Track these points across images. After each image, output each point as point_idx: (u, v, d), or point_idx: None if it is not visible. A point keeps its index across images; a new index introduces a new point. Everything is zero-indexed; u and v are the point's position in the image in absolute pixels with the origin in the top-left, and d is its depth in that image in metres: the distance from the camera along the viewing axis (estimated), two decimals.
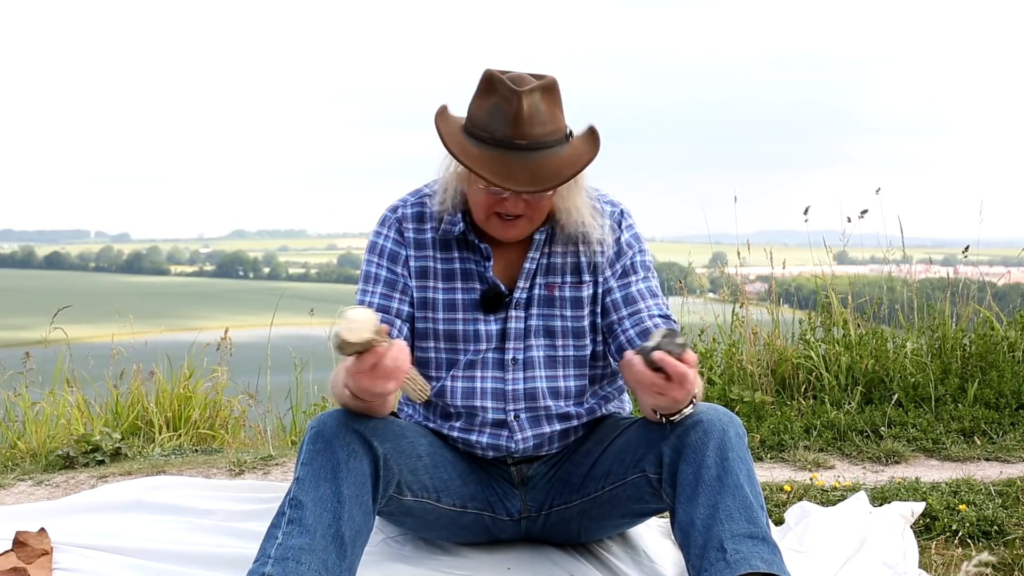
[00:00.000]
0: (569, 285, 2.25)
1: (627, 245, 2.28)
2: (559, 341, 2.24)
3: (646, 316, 2.23)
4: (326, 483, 1.96)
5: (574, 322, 2.25)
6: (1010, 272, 5.59)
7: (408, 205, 2.29)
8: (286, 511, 1.94)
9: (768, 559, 1.90)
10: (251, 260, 72.64)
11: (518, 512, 2.32)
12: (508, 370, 2.22)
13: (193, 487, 2.86)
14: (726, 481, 1.97)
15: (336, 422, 2.02)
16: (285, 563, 1.86)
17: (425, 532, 2.35)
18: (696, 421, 2.04)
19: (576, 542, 2.41)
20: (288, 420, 4.63)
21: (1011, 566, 2.44)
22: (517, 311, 2.23)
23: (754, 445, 3.68)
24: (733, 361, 4.57)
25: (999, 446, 3.70)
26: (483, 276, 2.23)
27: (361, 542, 1.99)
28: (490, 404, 2.22)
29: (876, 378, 4.35)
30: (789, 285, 5.59)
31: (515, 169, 2.03)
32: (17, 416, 4.32)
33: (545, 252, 2.25)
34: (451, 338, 2.23)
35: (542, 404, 2.23)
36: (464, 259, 2.25)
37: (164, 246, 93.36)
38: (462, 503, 2.25)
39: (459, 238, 2.25)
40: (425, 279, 2.24)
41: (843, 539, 2.47)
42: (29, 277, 62.44)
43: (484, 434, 2.25)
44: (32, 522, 2.50)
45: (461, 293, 2.24)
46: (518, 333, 2.23)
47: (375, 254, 2.27)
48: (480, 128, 2.07)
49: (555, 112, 2.09)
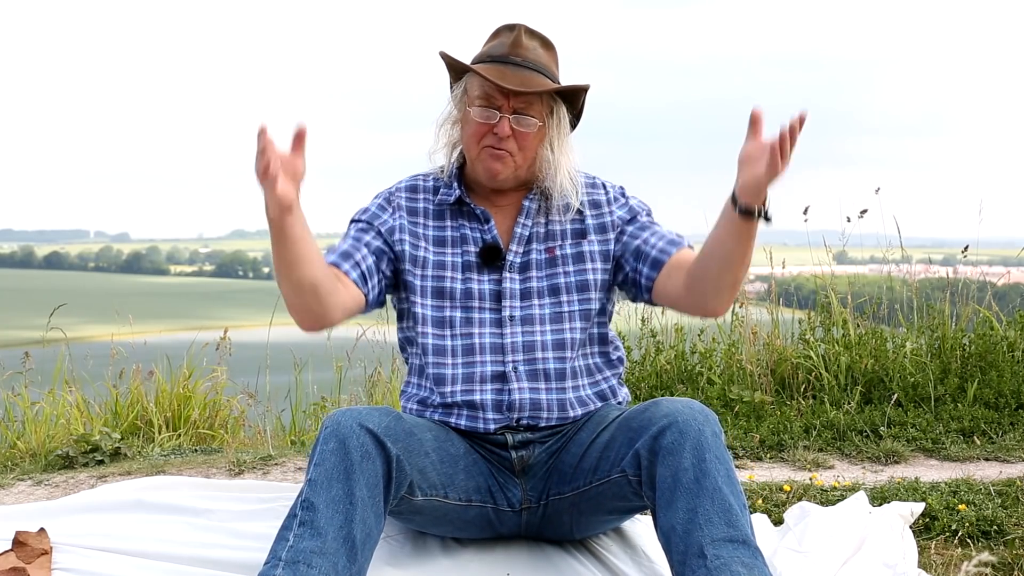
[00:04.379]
0: (570, 245, 2.38)
1: (638, 207, 2.44)
2: (564, 296, 2.35)
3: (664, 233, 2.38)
4: (339, 484, 1.95)
5: (578, 276, 2.36)
6: (1010, 272, 5.60)
7: (402, 182, 2.46)
8: (298, 513, 1.94)
9: (749, 563, 1.89)
10: (251, 260, 72.65)
11: (519, 503, 2.32)
12: (506, 326, 2.32)
13: (193, 487, 2.86)
14: (704, 484, 1.96)
15: (351, 422, 2.02)
16: (296, 566, 1.86)
17: (431, 528, 2.36)
18: (671, 422, 2.04)
19: (571, 538, 2.41)
20: (288, 420, 4.63)
21: (1011, 566, 2.44)
22: (511, 273, 2.34)
23: (753, 445, 3.68)
24: (733, 361, 4.58)
25: (999, 446, 3.70)
26: (477, 240, 2.36)
27: (371, 544, 1.99)
28: (489, 357, 2.30)
29: (876, 378, 4.35)
30: (789, 285, 5.60)
31: (508, 74, 2.27)
32: (17, 416, 4.32)
33: (541, 222, 2.38)
34: (439, 295, 2.33)
35: (540, 355, 2.31)
36: (457, 227, 2.38)
37: (164, 246, 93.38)
38: (467, 497, 2.26)
39: (454, 208, 2.38)
40: (416, 239, 2.37)
41: (842, 539, 2.47)
42: (29, 277, 62.45)
43: (486, 389, 2.29)
44: (32, 522, 2.50)
45: (451, 256, 2.36)
46: (513, 293, 2.34)
47: (358, 214, 2.42)
48: (482, 57, 2.34)
49: (550, 60, 2.35)
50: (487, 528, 2.35)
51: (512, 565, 2.31)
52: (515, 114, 2.28)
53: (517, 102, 2.28)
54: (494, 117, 2.28)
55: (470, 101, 2.32)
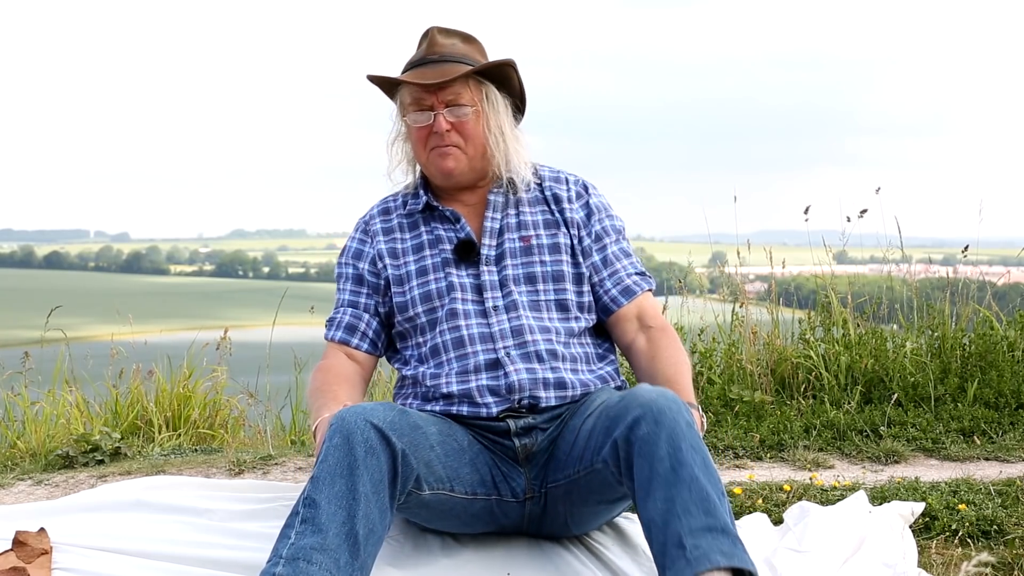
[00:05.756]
0: (545, 235, 2.46)
1: (596, 208, 2.51)
2: (540, 286, 2.43)
3: (624, 275, 2.48)
4: (342, 480, 1.96)
5: (553, 266, 2.44)
6: (1010, 272, 5.59)
7: (374, 208, 2.58)
8: (300, 510, 1.95)
9: (728, 552, 1.88)
10: (250, 260, 72.62)
11: (523, 492, 2.33)
12: (491, 315, 2.38)
13: (193, 487, 2.86)
14: (680, 473, 1.95)
15: (356, 418, 2.03)
16: (296, 563, 1.86)
17: (436, 523, 2.36)
18: (644, 412, 2.03)
19: (568, 534, 2.42)
20: (288, 420, 4.63)
21: (1011, 566, 2.44)
22: (488, 266, 2.42)
23: (753, 445, 3.68)
24: (733, 361, 4.58)
25: (999, 446, 3.70)
26: (452, 239, 2.44)
27: (375, 540, 1.98)
28: (480, 347, 2.35)
29: (876, 378, 4.35)
30: (789, 285, 5.59)
31: (428, 72, 2.37)
32: (17, 416, 4.32)
33: (512, 213, 2.47)
34: (427, 299, 2.41)
35: (529, 338, 2.35)
36: (431, 230, 2.48)
37: (164, 246, 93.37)
38: (472, 490, 2.27)
39: (424, 213, 2.49)
40: (397, 258, 2.47)
41: (842, 539, 2.47)
42: (29, 277, 62.42)
43: (481, 377, 2.32)
44: (32, 522, 2.50)
45: (431, 258, 2.45)
46: (493, 284, 2.40)
47: (344, 255, 2.56)
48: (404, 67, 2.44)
49: (472, 51, 2.43)
50: (491, 521, 2.36)
51: (512, 564, 2.31)
52: (447, 107, 2.37)
53: (445, 95, 2.37)
54: (429, 117, 2.38)
55: (405, 111, 2.43)
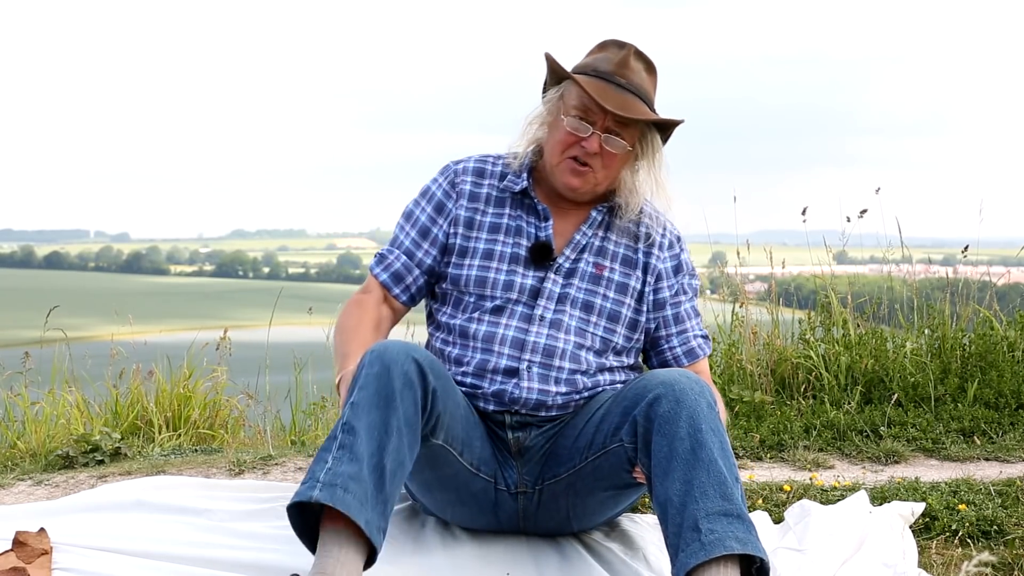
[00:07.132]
0: (619, 272, 2.40)
1: (685, 264, 2.48)
2: (593, 318, 2.36)
3: (691, 336, 2.48)
4: (377, 411, 1.97)
5: (614, 305, 2.38)
6: (1010, 272, 5.59)
7: (471, 161, 2.47)
8: (338, 435, 1.96)
9: (743, 538, 1.89)
10: (251, 260, 72.61)
11: (515, 485, 2.33)
12: (534, 323, 2.32)
13: (193, 487, 2.86)
14: (699, 455, 1.96)
15: (397, 348, 2.05)
16: (333, 489, 1.89)
17: (436, 492, 2.36)
18: (666, 390, 2.04)
19: (569, 530, 2.42)
20: (288, 420, 4.63)
21: (1011, 566, 2.44)
22: (556, 275, 2.35)
23: (753, 445, 3.68)
24: (733, 361, 4.58)
25: (999, 446, 3.70)
26: (531, 235, 2.37)
27: (401, 475, 2.00)
28: (507, 351, 2.31)
29: (876, 378, 4.35)
30: (789, 285, 5.59)
31: (610, 94, 2.26)
32: (16, 416, 4.32)
33: (600, 235, 2.40)
34: (481, 284, 2.35)
35: (557, 364, 2.31)
36: (515, 216, 2.40)
37: (164, 246, 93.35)
38: (477, 464, 2.28)
39: (516, 198, 2.41)
40: (471, 229, 2.40)
41: (842, 538, 2.47)
42: (29, 277, 62.40)
43: (496, 381, 2.30)
44: (32, 522, 2.49)
45: (502, 245, 2.38)
46: (552, 295, 2.34)
47: (423, 197, 2.46)
48: (586, 68, 2.32)
49: (651, 86, 2.36)
50: (487, 509, 2.35)
51: (512, 564, 2.31)
52: (607, 133, 2.28)
53: (612, 122, 2.28)
54: (586, 131, 2.28)
55: (566, 110, 2.31)
